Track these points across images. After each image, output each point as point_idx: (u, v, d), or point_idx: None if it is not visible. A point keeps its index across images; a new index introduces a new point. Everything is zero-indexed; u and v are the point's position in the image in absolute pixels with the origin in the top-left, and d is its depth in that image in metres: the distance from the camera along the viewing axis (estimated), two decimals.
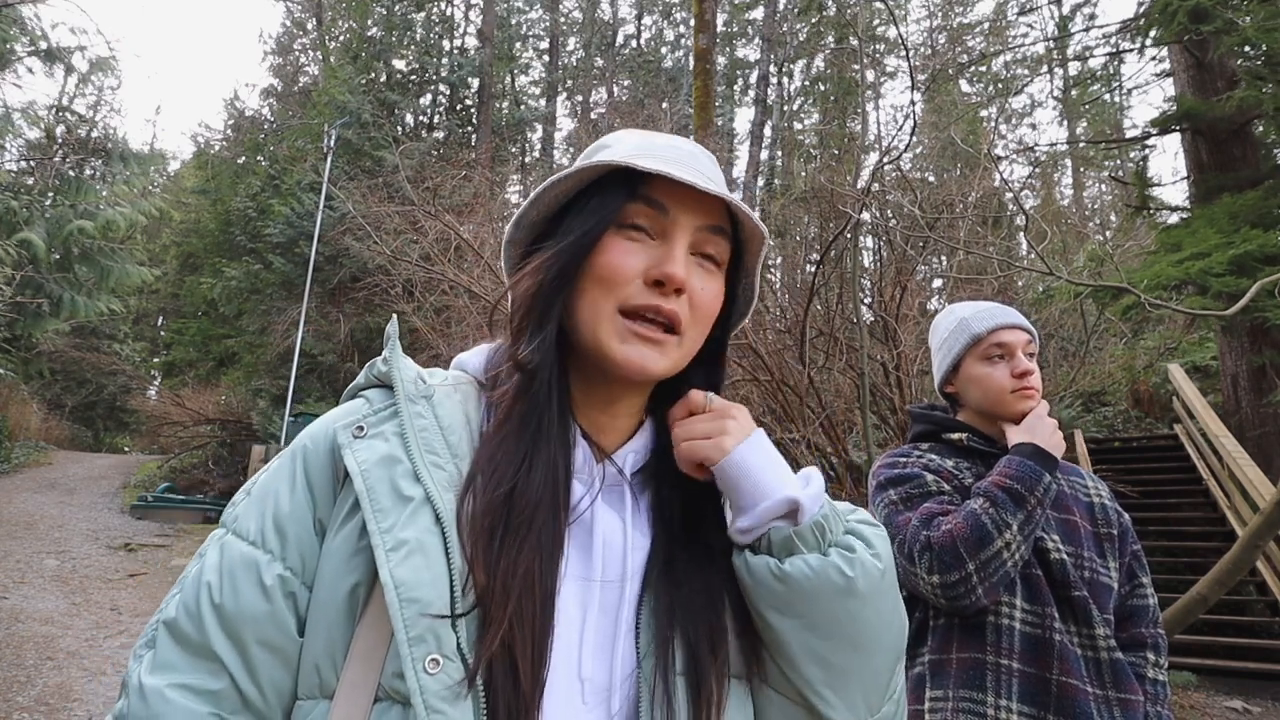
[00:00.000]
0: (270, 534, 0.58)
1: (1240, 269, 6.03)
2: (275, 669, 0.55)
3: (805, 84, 23.56)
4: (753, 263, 0.69)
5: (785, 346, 6.37)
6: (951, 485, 1.36)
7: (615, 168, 0.62)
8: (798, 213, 12.47)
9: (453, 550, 0.53)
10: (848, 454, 5.88)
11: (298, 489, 0.59)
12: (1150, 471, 8.15)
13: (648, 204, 0.62)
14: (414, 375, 0.63)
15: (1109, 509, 1.40)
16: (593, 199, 0.63)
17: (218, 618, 0.55)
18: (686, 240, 0.62)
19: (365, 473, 0.56)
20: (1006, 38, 17.97)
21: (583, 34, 26.00)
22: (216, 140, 24.85)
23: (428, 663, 0.50)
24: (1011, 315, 1.44)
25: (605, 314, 0.61)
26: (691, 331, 0.63)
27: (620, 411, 0.67)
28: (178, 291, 22.47)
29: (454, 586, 0.52)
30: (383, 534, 0.53)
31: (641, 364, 0.60)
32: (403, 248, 9.08)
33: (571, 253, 0.62)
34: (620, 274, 0.61)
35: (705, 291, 0.63)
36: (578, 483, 0.63)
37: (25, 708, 4.02)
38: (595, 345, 0.61)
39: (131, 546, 8.74)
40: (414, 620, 0.50)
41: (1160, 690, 1.29)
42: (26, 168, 14.78)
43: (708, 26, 10.16)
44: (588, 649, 0.57)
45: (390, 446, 0.58)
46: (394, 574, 0.51)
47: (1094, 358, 10.04)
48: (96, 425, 22.68)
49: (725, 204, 0.63)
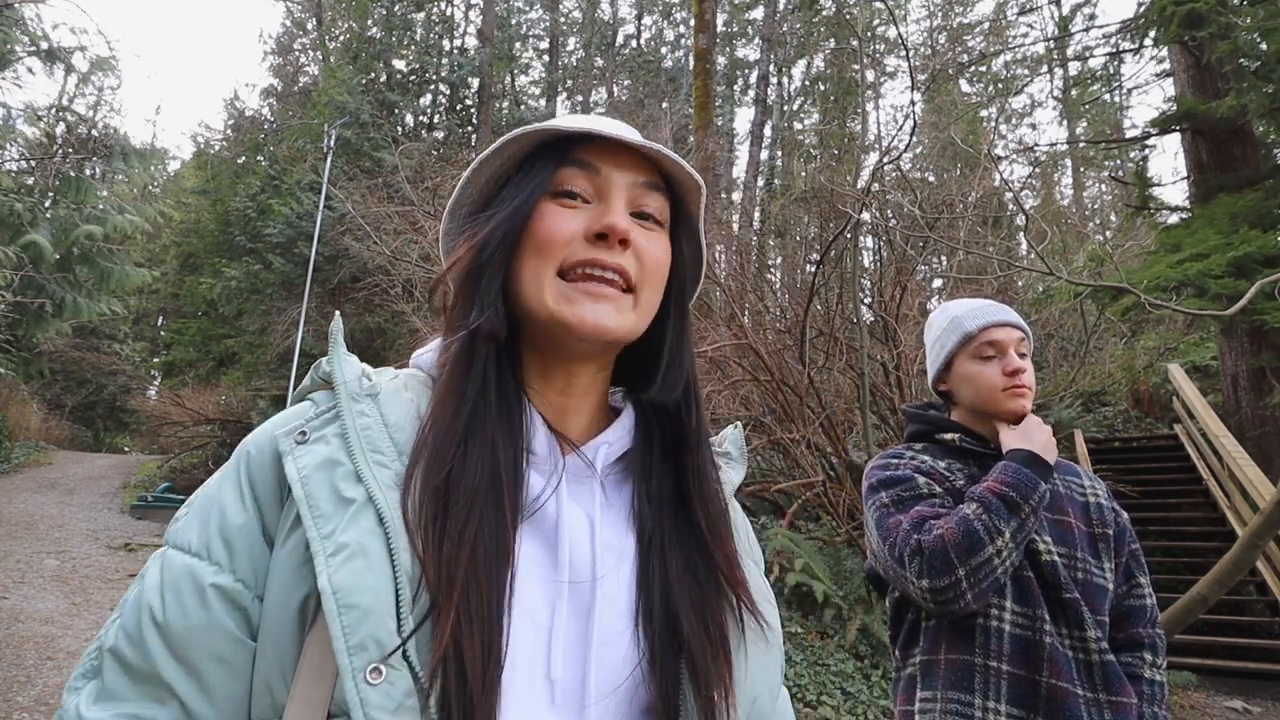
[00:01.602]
0: (216, 545, 0.54)
1: (1239, 270, 6.03)
2: (229, 682, 0.52)
3: (805, 84, 23.58)
4: (694, 217, 0.67)
5: (785, 346, 6.37)
6: (944, 487, 1.35)
7: (543, 140, 0.62)
8: (798, 213, 12.48)
9: (397, 551, 0.50)
10: (848, 454, 5.88)
11: (244, 499, 0.56)
12: (1150, 471, 8.15)
13: (579, 166, 0.61)
14: (357, 374, 0.60)
15: (1105, 508, 1.39)
16: (523, 172, 0.62)
17: (162, 638, 0.51)
18: (623, 197, 0.61)
19: (305, 479, 0.53)
20: (1006, 38, 17.97)
21: (583, 34, 26.00)
22: (216, 140, 24.87)
23: (369, 673, 0.46)
24: (1004, 313, 1.43)
25: (547, 279, 0.58)
26: (645, 289, 0.61)
27: (580, 391, 0.64)
28: (178, 291, 22.46)
29: (399, 590, 0.49)
30: (323, 540, 0.50)
31: (596, 321, 0.57)
32: (402, 248, 9.08)
33: (507, 221, 0.60)
34: (558, 236, 0.59)
35: (652, 245, 0.61)
36: (536, 474, 0.59)
37: (25, 708, 4.02)
38: (545, 314, 0.58)
39: (131, 546, 8.73)
40: (353, 627, 0.47)
41: (1157, 691, 1.29)
42: (27, 168, 14.78)
43: (708, 26, 10.16)
44: (557, 651, 0.53)
45: (331, 449, 0.55)
46: (332, 580, 0.48)
47: (1094, 358, 10.04)
48: (96, 425, 22.68)
49: (655, 161, 0.62)
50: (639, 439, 0.65)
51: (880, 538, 1.33)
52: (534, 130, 0.61)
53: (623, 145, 0.62)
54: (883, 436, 6.08)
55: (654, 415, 0.66)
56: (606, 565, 0.58)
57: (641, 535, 0.60)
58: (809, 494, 5.67)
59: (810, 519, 6.42)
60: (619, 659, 0.55)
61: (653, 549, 0.60)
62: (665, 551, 0.60)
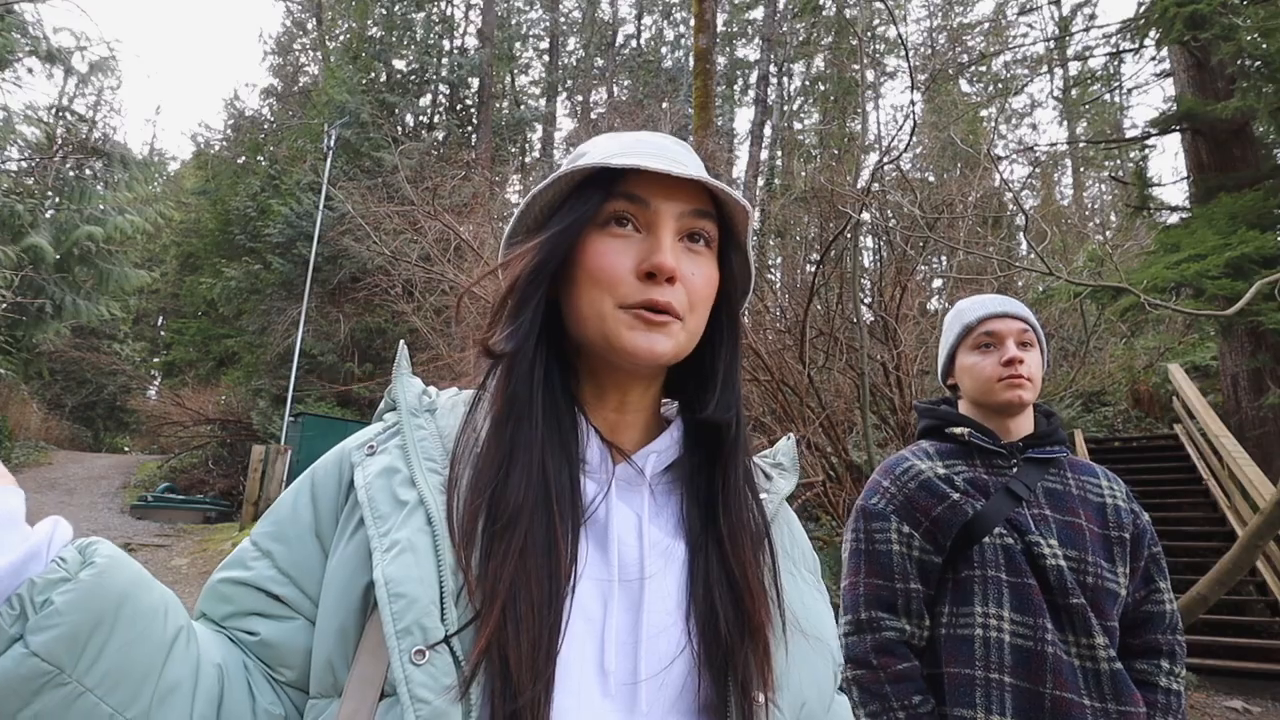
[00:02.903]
0: (269, 538, 0.63)
1: (1237, 271, 6.03)
2: (280, 618, 0.61)
3: (805, 84, 23.58)
4: (742, 237, 0.69)
5: (785, 346, 6.38)
6: (937, 508, 1.33)
7: (591, 173, 0.64)
8: (798, 213, 12.48)
9: (442, 548, 0.55)
10: (848, 454, 5.88)
11: (301, 501, 0.64)
12: (1150, 471, 8.15)
13: (628, 200, 0.63)
14: (417, 392, 0.67)
15: (1123, 510, 1.34)
16: (570, 203, 0.65)
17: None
18: (672, 228, 0.63)
19: (368, 484, 0.60)
20: (1006, 38, 17.97)
21: (583, 34, 26.01)
22: (216, 140, 24.85)
23: (414, 654, 0.51)
24: (1005, 305, 1.43)
25: (607, 310, 0.62)
26: (691, 317, 0.64)
27: (633, 407, 0.68)
28: (178, 291, 22.47)
29: (443, 582, 0.54)
30: (380, 537, 0.56)
31: (650, 349, 0.61)
32: (402, 248, 9.09)
33: (551, 245, 0.63)
34: (612, 271, 0.62)
35: (697, 276, 0.64)
36: (591, 482, 0.64)
37: None
38: (603, 339, 0.62)
39: (131, 546, 8.73)
40: (401, 614, 0.52)
41: (1174, 701, 1.25)
42: (27, 169, 14.78)
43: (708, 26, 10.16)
44: (611, 645, 0.57)
45: (392, 459, 0.62)
46: (385, 572, 0.54)
47: (1094, 358, 10.05)
48: (96, 425, 22.68)
49: (704, 186, 0.65)
50: (688, 448, 0.69)
51: (845, 573, 1.39)
52: (584, 169, 0.63)
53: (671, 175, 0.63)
54: (883, 436, 6.08)
55: (702, 426, 0.69)
56: (655, 564, 0.62)
57: (689, 537, 0.65)
58: (809, 494, 5.67)
59: (810, 519, 6.42)
60: (669, 652, 0.59)
61: (698, 551, 0.64)
62: (709, 553, 0.63)
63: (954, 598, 1.27)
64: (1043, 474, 1.36)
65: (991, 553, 1.26)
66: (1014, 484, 1.33)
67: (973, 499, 1.31)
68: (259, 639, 0.59)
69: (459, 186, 11.09)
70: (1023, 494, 1.32)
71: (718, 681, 0.58)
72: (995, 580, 1.25)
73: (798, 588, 0.69)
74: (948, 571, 1.30)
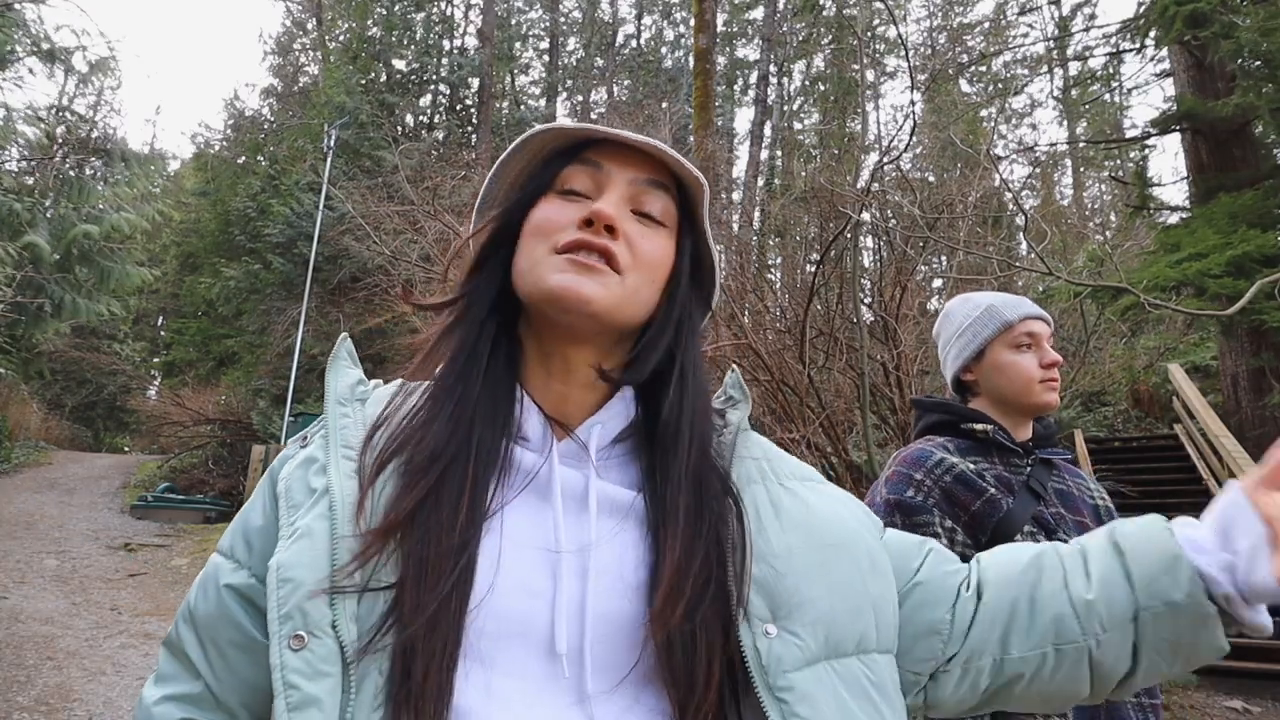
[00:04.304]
0: (239, 545, 0.62)
1: (1238, 270, 6.03)
2: (246, 666, 0.58)
3: (805, 84, 23.58)
4: (700, 217, 0.67)
5: (785, 346, 6.37)
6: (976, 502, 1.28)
7: (559, 146, 0.66)
8: (798, 213, 12.46)
9: (339, 532, 0.53)
10: (848, 454, 5.88)
11: (265, 503, 0.63)
12: (1150, 471, 8.15)
13: (584, 164, 0.64)
14: (350, 382, 0.66)
15: (1114, 511, 1.38)
16: (537, 173, 0.67)
17: (191, 623, 0.61)
18: (620, 191, 0.63)
19: (288, 476, 0.60)
20: (1006, 38, 17.97)
21: (583, 34, 26.00)
22: (216, 140, 24.84)
23: (292, 639, 0.49)
24: (1036, 307, 1.43)
25: (539, 256, 0.61)
26: (633, 275, 0.61)
27: (578, 381, 0.64)
28: (178, 291, 22.45)
29: (334, 561, 0.52)
30: (288, 527, 0.56)
31: (578, 290, 0.58)
32: (402, 248, 9.09)
33: (509, 214, 0.65)
34: (552, 223, 0.62)
35: (645, 240, 0.63)
36: (528, 451, 0.61)
37: (25, 708, 4.02)
38: (536, 287, 0.61)
39: (131, 546, 8.73)
40: (286, 598, 0.51)
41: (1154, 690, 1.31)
42: (27, 168, 14.79)
43: (708, 26, 10.17)
44: (561, 622, 0.54)
45: (314, 449, 0.62)
46: (279, 558, 0.53)
47: (1094, 358, 10.04)
48: (96, 425, 22.67)
49: (664, 163, 0.65)
50: (640, 418, 0.65)
51: None
52: (540, 131, 0.65)
53: (626, 146, 0.64)
54: (882, 436, 6.08)
55: (651, 396, 0.66)
56: (602, 533, 0.58)
57: (641, 506, 0.61)
58: None
59: None
60: (621, 628, 0.55)
61: (648, 519, 0.60)
62: (659, 521, 0.59)
63: None
64: (1050, 474, 1.37)
65: None
66: (1034, 483, 1.33)
67: (1005, 495, 1.30)
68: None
69: (459, 186, 11.08)
70: (1041, 493, 1.32)
71: (681, 650, 0.53)
72: None
73: (798, 503, 0.64)
74: None
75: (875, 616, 0.61)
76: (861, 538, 0.65)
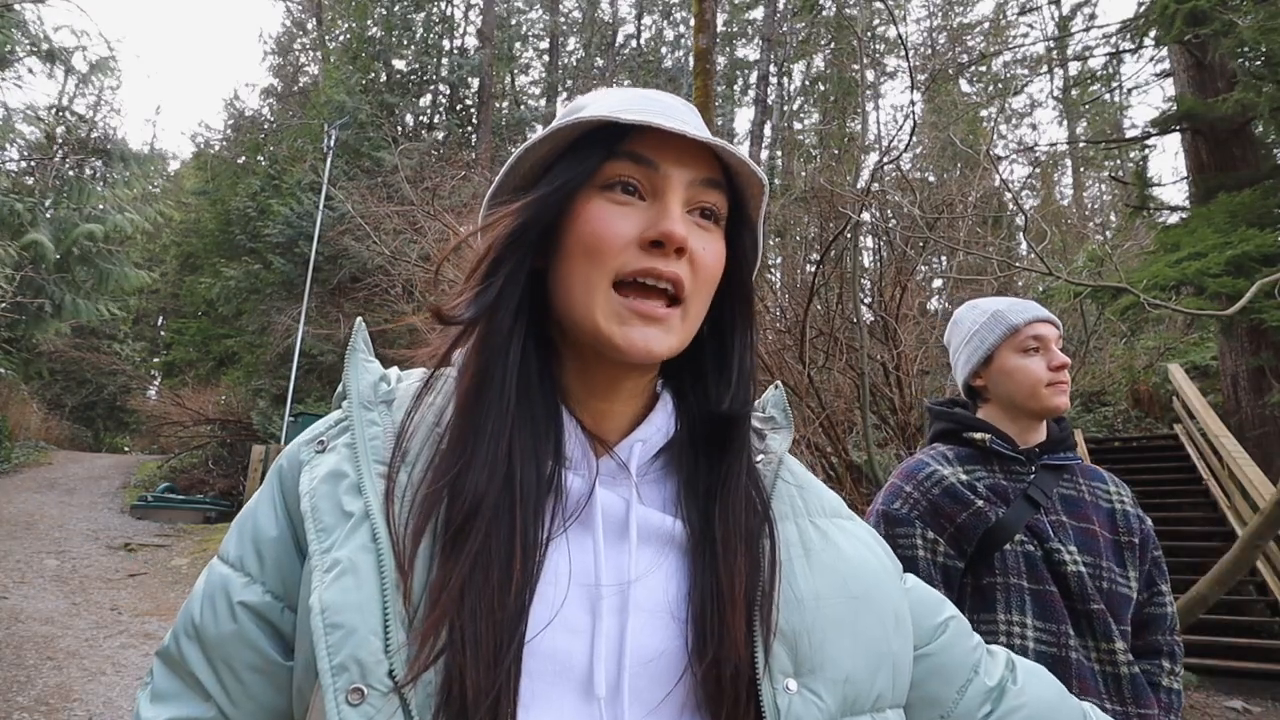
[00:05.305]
0: (250, 557, 0.57)
1: (1238, 270, 6.02)
2: (264, 691, 0.54)
3: (805, 84, 23.57)
4: (754, 213, 0.62)
5: (785, 346, 6.38)
6: (962, 514, 1.30)
7: (594, 126, 0.55)
8: (798, 213, 12.46)
9: (387, 568, 0.48)
10: (848, 454, 5.88)
11: (276, 511, 0.58)
12: (1150, 471, 8.14)
13: (633, 161, 0.55)
14: (373, 380, 0.59)
15: (1130, 515, 1.36)
16: (567, 159, 0.57)
17: (198, 641, 0.55)
18: (681, 196, 0.56)
19: (312, 491, 0.53)
20: (1006, 38, 17.96)
21: (583, 34, 25.99)
22: (216, 140, 24.84)
23: (350, 693, 0.45)
24: (1045, 310, 1.43)
25: (599, 289, 0.54)
26: (695, 300, 0.56)
27: (623, 397, 0.60)
28: (178, 291, 22.45)
29: (386, 608, 0.47)
30: (321, 555, 0.50)
31: (645, 346, 0.54)
32: (402, 248, 9.09)
33: (539, 206, 0.56)
34: (610, 240, 0.54)
35: (707, 252, 0.57)
36: (573, 475, 0.56)
37: (25, 708, 4.02)
38: (592, 329, 0.54)
39: (131, 546, 8.73)
40: (337, 646, 0.46)
41: (1175, 700, 1.27)
42: (27, 168, 14.79)
43: (708, 26, 10.16)
44: (600, 662, 0.50)
45: (339, 459, 0.55)
46: (321, 597, 0.48)
47: (1094, 358, 10.05)
48: (96, 425, 22.66)
49: (717, 154, 0.57)
50: (680, 430, 0.61)
51: None
52: (587, 120, 0.54)
53: (679, 138, 0.55)
54: (882, 436, 6.08)
55: (695, 405, 0.62)
56: (642, 566, 0.55)
57: (682, 533, 0.57)
58: None
59: None
60: (660, 663, 0.52)
61: (691, 551, 0.56)
62: (703, 555, 0.56)
63: (975, 604, 1.27)
64: (1058, 480, 1.37)
65: (1013, 560, 1.26)
66: (1033, 491, 1.33)
67: (994, 506, 1.31)
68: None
69: (459, 186, 11.09)
70: (1041, 501, 1.32)
71: (720, 682, 0.51)
72: (1017, 588, 1.25)
73: (828, 546, 0.60)
74: (968, 578, 1.29)
75: (894, 675, 0.58)
76: (887, 590, 0.61)
